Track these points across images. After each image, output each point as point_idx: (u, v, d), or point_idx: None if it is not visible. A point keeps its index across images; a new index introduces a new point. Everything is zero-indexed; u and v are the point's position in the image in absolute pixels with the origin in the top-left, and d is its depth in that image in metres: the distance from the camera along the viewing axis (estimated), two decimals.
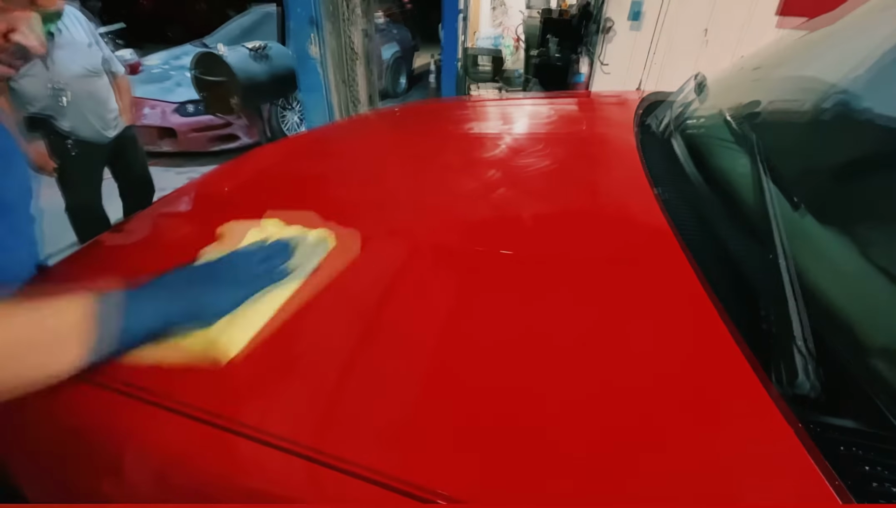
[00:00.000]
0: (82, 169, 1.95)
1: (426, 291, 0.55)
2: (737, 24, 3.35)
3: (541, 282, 0.55)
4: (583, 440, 0.37)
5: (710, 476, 0.34)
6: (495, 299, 0.53)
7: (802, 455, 0.34)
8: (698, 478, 0.34)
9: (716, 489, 0.34)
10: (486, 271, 0.58)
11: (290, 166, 1.03)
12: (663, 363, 0.44)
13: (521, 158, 0.92)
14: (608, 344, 0.47)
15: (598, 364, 0.44)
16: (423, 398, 0.42)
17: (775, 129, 0.80)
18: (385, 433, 0.39)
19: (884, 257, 0.47)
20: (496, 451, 0.37)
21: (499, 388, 0.42)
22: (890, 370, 0.40)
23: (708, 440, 0.37)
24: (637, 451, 0.36)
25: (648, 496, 0.33)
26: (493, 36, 5.84)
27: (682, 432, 0.38)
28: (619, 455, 0.36)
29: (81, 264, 0.70)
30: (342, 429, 0.39)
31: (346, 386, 0.43)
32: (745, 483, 0.34)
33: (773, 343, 0.42)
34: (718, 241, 0.60)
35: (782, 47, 1.08)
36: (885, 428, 0.36)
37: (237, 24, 4.59)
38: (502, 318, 0.50)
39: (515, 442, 0.37)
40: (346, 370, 0.45)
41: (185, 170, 3.62)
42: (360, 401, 0.42)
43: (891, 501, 0.32)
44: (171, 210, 0.88)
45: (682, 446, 0.36)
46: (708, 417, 0.39)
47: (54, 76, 1.73)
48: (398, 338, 0.48)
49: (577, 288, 0.55)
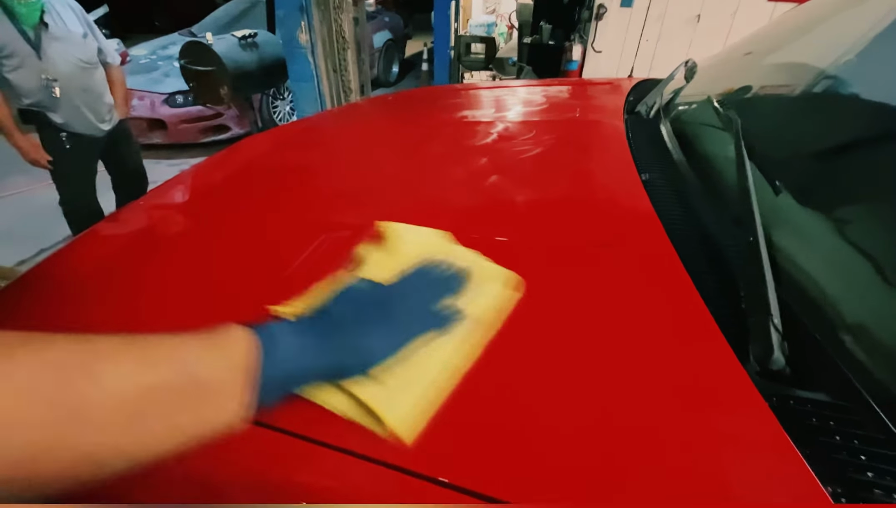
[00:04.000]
0: (76, 163, 1.94)
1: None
2: (728, 10, 3.33)
3: (531, 266, 0.56)
4: (562, 418, 0.39)
5: (686, 451, 0.36)
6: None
7: (776, 426, 0.36)
8: (674, 453, 0.36)
9: (691, 462, 0.35)
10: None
11: (278, 157, 1.03)
12: (643, 342, 0.45)
13: (513, 146, 0.93)
14: (589, 325, 0.48)
15: (578, 344, 0.46)
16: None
17: (758, 113, 0.81)
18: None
19: (859, 237, 0.49)
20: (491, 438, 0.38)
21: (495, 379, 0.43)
22: (862, 347, 0.41)
23: (685, 416, 0.38)
24: (613, 423, 0.38)
25: (622, 466, 0.35)
26: (486, 23, 5.78)
27: (660, 408, 0.39)
28: (596, 429, 0.38)
29: (74, 257, 0.70)
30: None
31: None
32: (720, 454, 0.35)
33: (749, 321, 0.44)
34: (700, 223, 0.61)
35: (773, 32, 1.09)
36: (855, 401, 0.38)
37: (225, 13, 4.52)
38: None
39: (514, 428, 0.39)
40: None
41: (177, 162, 3.60)
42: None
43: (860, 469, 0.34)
44: (164, 202, 0.88)
45: (659, 421, 0.38)
46: (685, 393, 0.40)
47: (47, 67, 1.70)
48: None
49: (565, 270, 0.56)
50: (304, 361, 0.35)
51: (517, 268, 0.54)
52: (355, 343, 0.37)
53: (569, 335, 0.47)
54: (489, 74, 4.84)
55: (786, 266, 0.51)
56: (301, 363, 0.34)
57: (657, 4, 3.43)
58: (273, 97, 3.80)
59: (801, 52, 0.91)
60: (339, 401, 0.38)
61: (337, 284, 0.43)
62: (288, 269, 0.59)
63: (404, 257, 0.49)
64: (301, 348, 0.35)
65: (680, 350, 0.44)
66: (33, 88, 1.72)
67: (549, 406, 0.40)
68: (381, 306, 0.40)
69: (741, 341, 0.43)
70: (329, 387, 0.38)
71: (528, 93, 1.44)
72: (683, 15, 3.42)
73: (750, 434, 0.37)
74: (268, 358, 0.32)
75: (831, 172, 0.60)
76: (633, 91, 1.26)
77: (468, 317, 0.43)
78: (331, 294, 0.41)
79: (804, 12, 1.03)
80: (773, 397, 0.38)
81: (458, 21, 4.72)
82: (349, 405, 0.37)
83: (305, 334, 0.36)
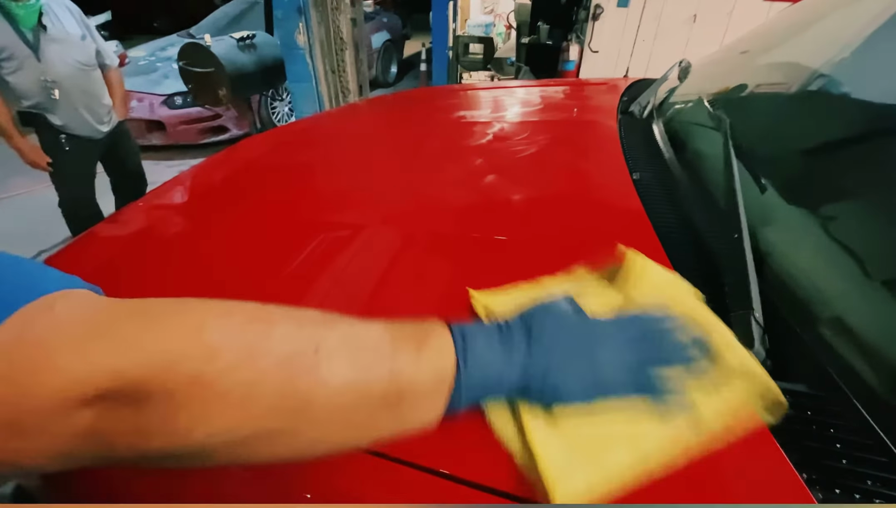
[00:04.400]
0: (75, 164, 1.95)
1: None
2: (725, 9, 3.35)
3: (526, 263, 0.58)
4: None
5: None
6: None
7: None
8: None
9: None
10: (480, 257, 0.60)
11: (277, 157, 1.04)
12: None
13: (510, 146, 0.94)
14: None
15: None
16: None
17: (748, 112, 0.82)
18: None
19: (841, 233, 0.50)
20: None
21: None
22: (842, 340, 0.43)
23: None
24: None
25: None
26: (483, 23, 5.79)
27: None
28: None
29: (74, 258, 0.71)
30: None
31: None
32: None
33: (731, 315, 0.45)
34: (688, 221, 0.62)
35: (768, 32, 1.10)
36: (833, 393, 0.39)
37: (224, 14, 4.54)
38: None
39: None
40: None
41: (176, 163, 3.61)
42: None
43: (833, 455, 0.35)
44: (163, 203, 0.89)
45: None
46: None
47: (46, 70, 1.71)
48: None
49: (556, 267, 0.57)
50: (494, 371, 0.32)
51: (516, 266, 0.55)
52: (547, 367, 0.32)
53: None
54: (488, 74, 4.86)
55: (770, 262, 0.52)
56: (491, 373, 0.32)
57: (653, 4, 3.45)
58: (272, 98, 3.81)
59: (794, 51, 0.92)
60: (510, 431, 0.34)
61: (541, 293, 0.38)
62: (288, 268, 0.60)
63: (633, 294, 0.41)
64: (493, 358, 0.32)
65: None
66: (32, 91, 1.73)
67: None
68: (585, 338, 0.34)
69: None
70: (506, 410, 0.34)
71: (523, 93, 1.45)
72: (680, 15, 3.43)
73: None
74: (466, 369, 0.31)
75: (815, 170, 0.61)
76: (628, 91, 1.27)
77: (693, 406, 0.33)
78: (532, 303, 0.36)
79: (798, 11, 1.04)
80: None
81: (456, 21, 4.73)
82: (515, 439, 0.34)
83: (500, 342, 0.33)
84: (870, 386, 0.39)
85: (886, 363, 0.39)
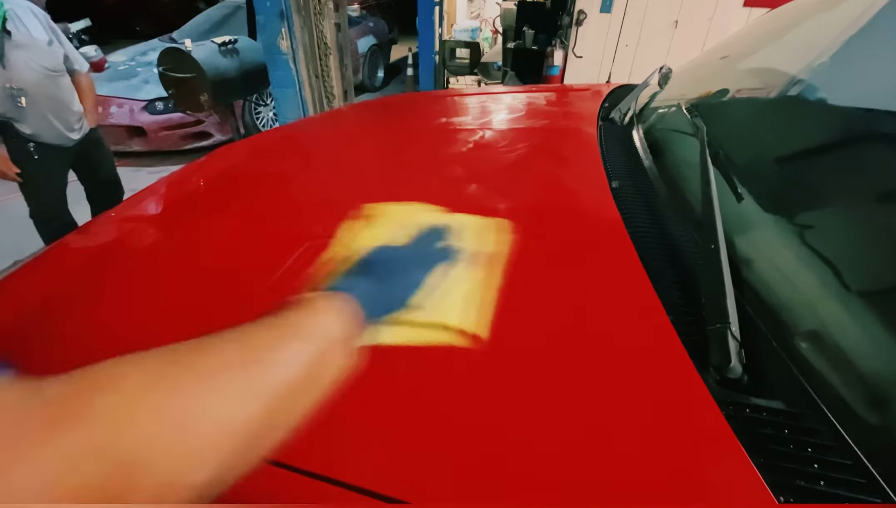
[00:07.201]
0: (45, 174, 1.88)
1: None
2: (705, 15, 3.40)
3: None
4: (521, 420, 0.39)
5: (638, 460, 0.36)
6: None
7: (729, 435, 0.36)
8: (627, 461, 0.36)
9: (651, 470, 0.35)
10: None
11: (256, 165, 1.01)
12: (602, 351, 0.46)
13: (491, 154, 0.93)
14: (549, 330, 0.48)
15: (538, 347, 0.46)
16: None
17: (726, 118, 0.83)
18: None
19: (819, 244, 0.50)
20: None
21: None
22: (818, 354, 0.42)
23: (639, 424, 0.39)
24: (568, 430, 0.38)
25: (576, 470, 0.35)
26: (470, 28, 5.81)
27: (614, 417, 0.39)
28: (559, 434, 0.38)
29: (45, 269, 0.69)
30: None
31: None
32: (671, 464, 0.36)
33: (707, 329, 0.44)
34: (665, 231, 0.62)
35: (748, 37, 1.11)
36: (810, 409, 0.38)
37: (206, 19, 4.48)
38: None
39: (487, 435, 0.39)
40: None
41: (158, 170, 3.53)
42: None
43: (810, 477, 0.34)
44: (137, 213, 0.86)
45: (613, 430, 0.38)
46: (641, 402, 0.40)
47: (11, 76, 1.66)
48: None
49: (537, 273, 0.56)
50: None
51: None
52: (390, 286, 0.38)
53: (531, 338, 0.47)
54: (474, 79, 4.87)
55: (746, 273, 0.51)
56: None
57: (635, 10, 3.49)
58: (256, 103, 3.76)
59: (773, 56, 0.93)
60: (402, 334, 0.38)
61: (348, 253, 0.42)
62: (270, 280, 0.58)
63: (396, 225, 0.48)
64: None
65: (638, 360, 0.45)
66: None
67: (509, 409, 0.40)
68: (391, 261, 0.40)
69: (700, 349, 0.44)
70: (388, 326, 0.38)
71: (507, 99, 1.45)
72: (662, 20, 3.48)
73: (703, 443, 0.37)
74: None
75: (792, 178, 0.61)
76: (609, 97, 1.27)
77: (468, 251, 0.43)
78: (347, 263, 0.40)
79: (776, 17, 1.05)
80: (728, 405, 0.39)
81: (442, 26, 4.74)
82: (413, 334, 0.38)
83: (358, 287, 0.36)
84: (847, 402, 0.38)
85: (863, 377, 0.39)
